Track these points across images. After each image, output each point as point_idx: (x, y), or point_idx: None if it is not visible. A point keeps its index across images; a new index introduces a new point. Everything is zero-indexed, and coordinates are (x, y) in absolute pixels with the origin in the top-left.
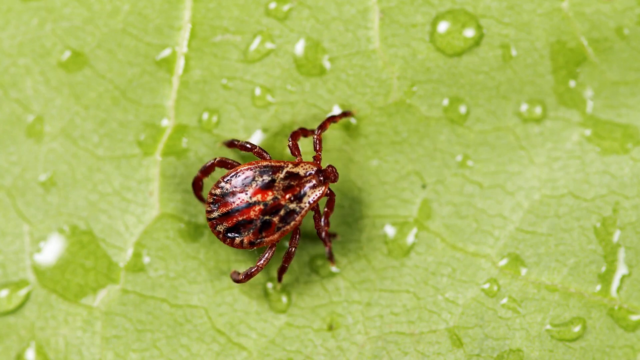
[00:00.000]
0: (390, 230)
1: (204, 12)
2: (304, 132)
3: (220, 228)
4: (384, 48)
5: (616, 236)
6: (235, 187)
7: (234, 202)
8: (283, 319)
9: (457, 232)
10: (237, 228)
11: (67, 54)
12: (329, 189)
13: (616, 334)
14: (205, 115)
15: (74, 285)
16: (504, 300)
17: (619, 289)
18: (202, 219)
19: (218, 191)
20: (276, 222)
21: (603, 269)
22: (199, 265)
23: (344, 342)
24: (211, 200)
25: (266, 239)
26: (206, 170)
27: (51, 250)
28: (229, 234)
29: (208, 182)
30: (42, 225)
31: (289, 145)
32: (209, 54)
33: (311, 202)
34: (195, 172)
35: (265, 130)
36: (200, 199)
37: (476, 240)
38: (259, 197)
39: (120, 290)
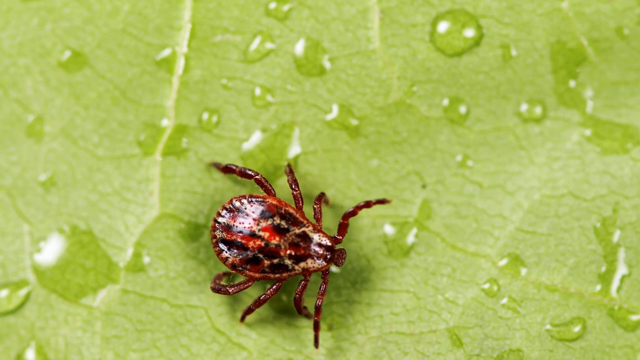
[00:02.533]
0: (390, 230)
1: (204, 12)
2: (325, 199)
3: (218, 234)
4: (384, 48)
5: (616, 236)
6: (254, 212)
7: (242, 223)
8: (283, 319)
9: (457, 232)
10: (230, 244)
11: (67, 54)
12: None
13: (616, 334)
14: (205, 115)
15: (74, 285)
16: (504, 300)
17: (619, 289)
18: (202, 219)
19: (237, 204)
20: (265, 265)
21: (603, 269)
22: (198, 265)
23: (344, 342)
24: (228, 207)
25: (247, 272)
26: (242, 174)
27: (51, 250)
28: (221, 245)
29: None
30: (42, 225)
31: (314, 208)
32: (209, 54)
33: (306, 269)
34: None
35: (264, 130)
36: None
37: (476, 240)
38: (266, 234)
39: (120, 290)
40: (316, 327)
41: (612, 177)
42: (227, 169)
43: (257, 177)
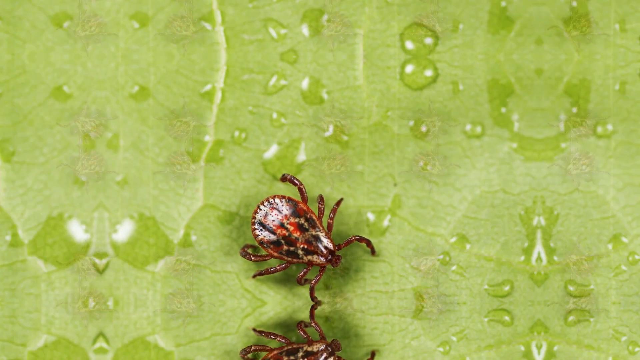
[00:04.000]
0: (371, 217)
1: (235, 58)
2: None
3: (258, 217)
4: (366, 84)
5: (535, 221)
6: (287, 210)
7: (277, 215)
8: (292, 280)
9: (420, 218)
10: (264, 227)
11: (135, 88)
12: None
13: (535, 292)
14: (237, 133)
15: (141, 256)
16: (454, 268)
17: (537, 259)
18: (234, 208)
19: (277, 201)
20: (283, 249)
21: (525, 244)
22: (231, 242)
23: (337, 297)
24: (270, 201)
25: (269, 249)
26: (290, 180)
27: (124, 231)
28: (257, 225)
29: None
30: (118, 213)
31: (328, 222)
32: (239, 88)
33: (310, 261)
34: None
35: (279, 143)
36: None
37: (434, 224)
38: (291, 228)
39: (175, 260)
40: (312, 305)
41: (532, 178)
42: (282, 178)
43: (300, 186)
